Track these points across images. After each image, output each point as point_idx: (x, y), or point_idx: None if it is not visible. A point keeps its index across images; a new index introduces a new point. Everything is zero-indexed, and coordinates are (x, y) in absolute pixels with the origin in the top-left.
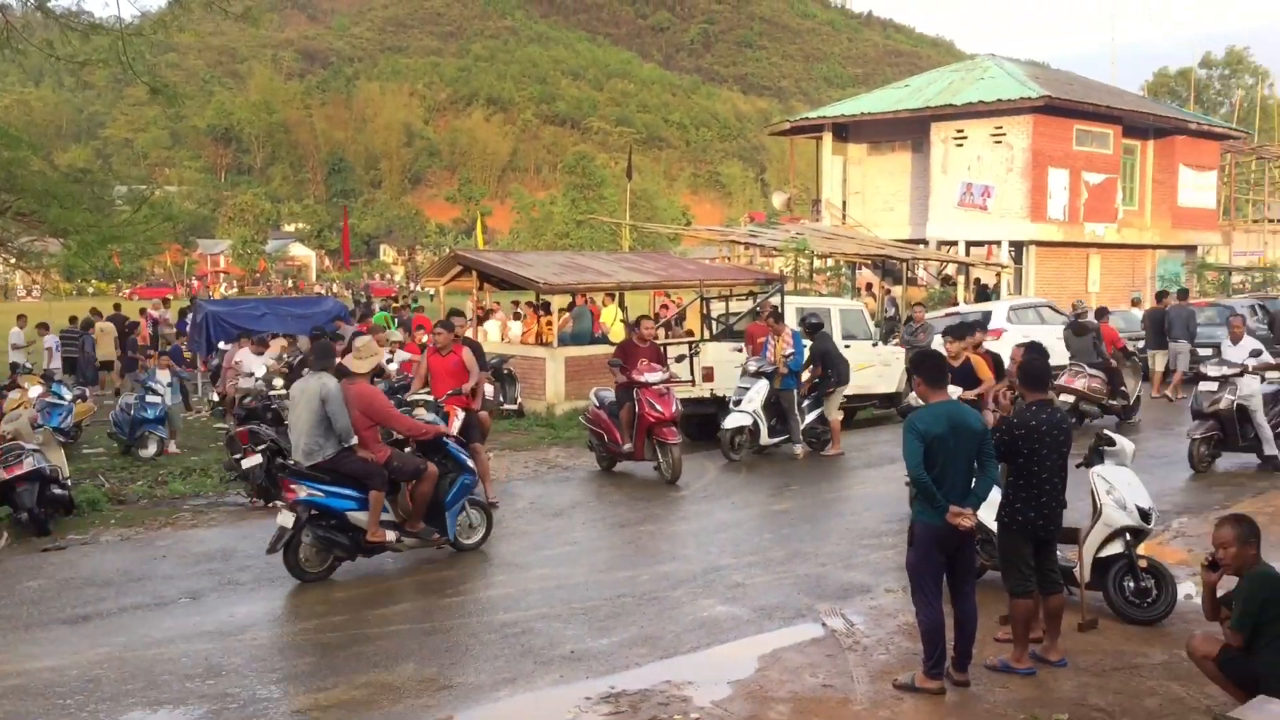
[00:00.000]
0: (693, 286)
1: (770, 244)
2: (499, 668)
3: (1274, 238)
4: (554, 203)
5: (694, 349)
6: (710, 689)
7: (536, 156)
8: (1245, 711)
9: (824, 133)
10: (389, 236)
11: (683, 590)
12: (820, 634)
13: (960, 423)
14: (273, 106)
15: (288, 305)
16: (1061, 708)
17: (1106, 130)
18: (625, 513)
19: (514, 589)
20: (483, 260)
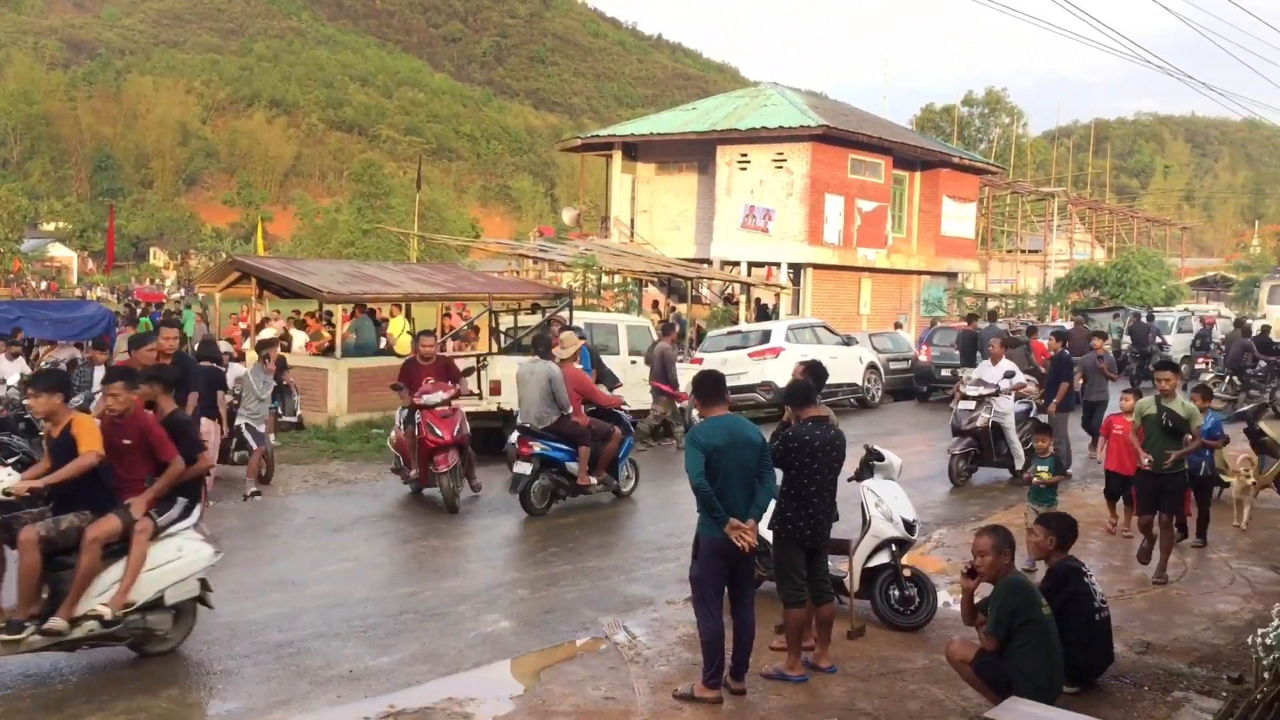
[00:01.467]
0: (481, 299)
1: (559, 259)
2: (272, 690)
3: (1025, 267)
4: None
5: (482, 362)
6: (493, 705)
7: (322, 162)
8: (998, 712)
9: (614, 151)
10: (160, 239)
11: (466, 606)
12: (603, 647)
13: (740, 435)
14: (33, 97)
15: (45, 309)
16: (831, 713)
17: (879, 160)
18: (409, 528)
19: (290, 608)
20: (262, 266)
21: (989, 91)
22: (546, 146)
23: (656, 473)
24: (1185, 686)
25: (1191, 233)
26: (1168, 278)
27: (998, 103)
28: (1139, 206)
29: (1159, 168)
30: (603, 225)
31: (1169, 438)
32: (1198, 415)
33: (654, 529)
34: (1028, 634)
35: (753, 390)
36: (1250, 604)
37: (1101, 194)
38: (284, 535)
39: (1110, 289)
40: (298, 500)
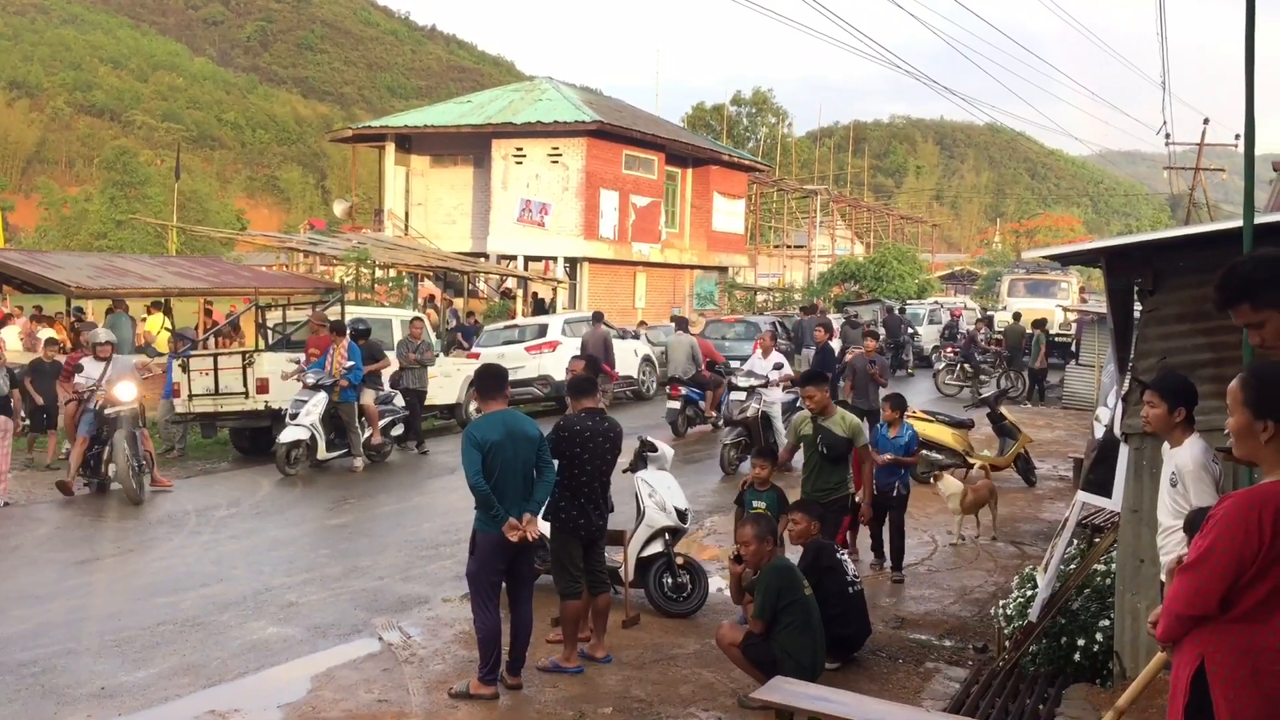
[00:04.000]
0: (246, 294)
1: (331, 252)
2: (14, 712)
3: (791, 261)
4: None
5: (248, 359)
6: (259, 714)
7: (69, 149)
8: (764, 692)
9: (387, 142)
10: None
11: (230, 613)
12: (376, 649)
13: (517, 430)
14: None
15: None
16: (606, 702)
17: (652, 157)
18: (167, 533)
19: (34, 624)
20: (3, 260)
21: (756, 92)
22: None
23: (439, 467)
24: (936, 657)
25: (941, 230)
26: (920, 272)
27: (764, 103)
28: (894, 204)
29: (911, 168)
30: (376, 218)
31: (829, 464)
32: (861, 431)
33: (429, 526)
34: (792, 614)
35: (530, 385)
36: (994, 578)
37: (860, 192)
38: (25, 548)
39: (869, 283)
40: (42, 510)
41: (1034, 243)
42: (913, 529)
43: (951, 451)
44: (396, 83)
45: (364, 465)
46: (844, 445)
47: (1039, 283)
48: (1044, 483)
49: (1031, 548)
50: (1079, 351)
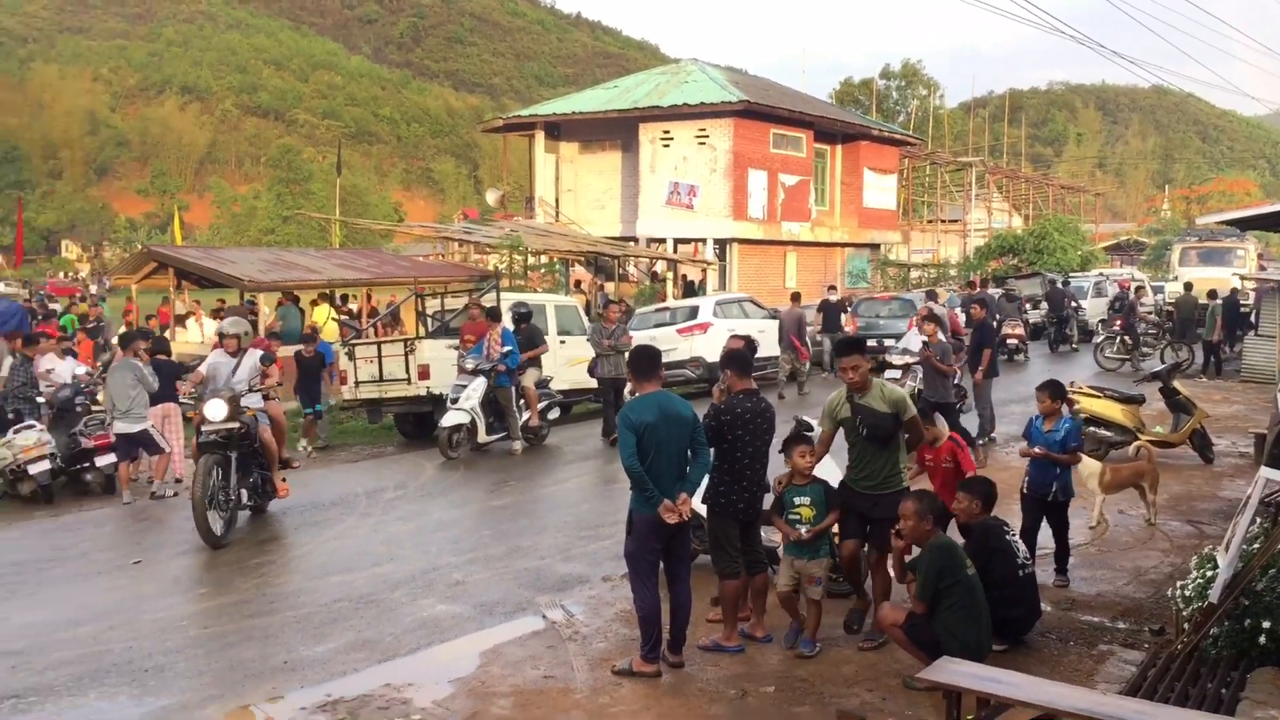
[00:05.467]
0: (406, 283)
1: (484, 241)
2: (205, 684)
3: (945, 237)
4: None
5: (409, 347)
6: (431, 689)
7: (238, 149)
8: (930, 673)
9: (536, 131)
10: (71, 231)
11: (401, 591)
12: (540, 627)
13: (671, 411)
14: None
15: None
16: (768, 681)
17: (800, 134)
18: (340, 514)
19: (221, 600)
20: (181, 256)
21: (905, 65)
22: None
23: (594, 450)
24: (1109, 640)
25: (1104, 199)
26: (1083, 243)
27: (914, 75)
28: (1054, 174)
29: (1072, 136)
30: (527, 206)
31: (875, 448)
32: (907, 403)
33: (588, 508)
34: (954, 595)
35: (682, 366)
36: (1169, 558)
37: (1017, 163)
38: None
39: (1028, 256)
40: None
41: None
42: (1081, 509)
43: (1121, 428)
44: (544, 71)
45: (522, 448)
46: (889, 423)
47: (1213, 250)
48: (1223, 459)
49: (1210, 527)
50: (1258, 322)
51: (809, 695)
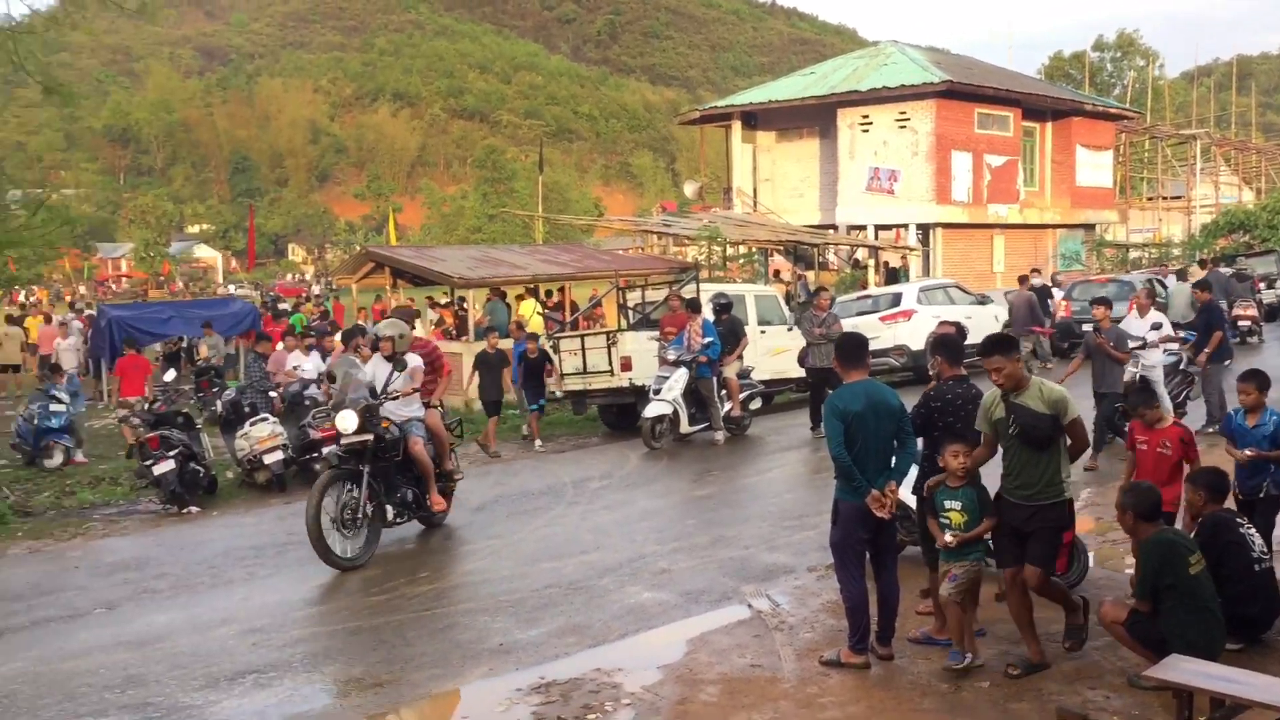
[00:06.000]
0: (608, 277)
1: (683, 233)
2: (426, 663)
3: (1167, 215)
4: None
5: (611, 339)
6: (640, 674)
7: (446, 151)
8: (1160, 670)
9: (732, 121)
10: (297, 235)
11: (609, 579)
12: (746, 616)
13: (879, 401)
14: (172, 105)
15: (195, 308)
16: (983, 676)
17: (1006, 113)
18: (547, 503)
19: (439, 584)
20: (396, 256)
21: (1120, 34)
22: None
23: (797, 439)
24: None
25: None
26: None
27: (1130, 45)
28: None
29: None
30: (725, 196)
31: (1032, 452)
32: (1068, 403)
33: (792, 497)
34: (1173, 596)
35: (885, 355)
36: None
37: (1247, 134)
38: None
39: (1261, 232)
40: None
41: None
42: None
43: None
44: (740, 61)
45: (725, 438)
46: (1046, 425)
47: None
48: None
49: None
50: None
51: (1026, 692)
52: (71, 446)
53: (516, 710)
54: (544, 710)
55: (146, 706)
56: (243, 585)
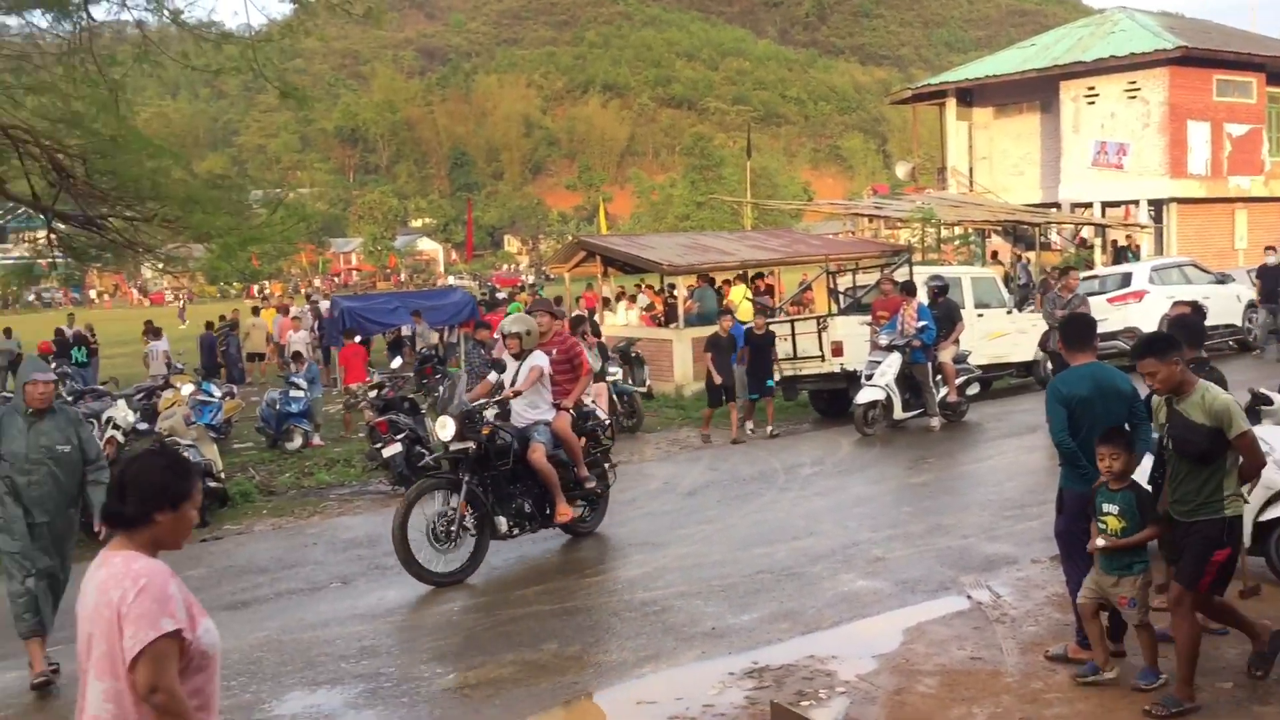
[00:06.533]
0: (817, 261)
1: (896, 215)
2: (640, 645)
3: None
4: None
5: (822, 324)
6: (855, 663)
7: (654, 140)
8: None
9: (947, 98)
10: (512, 227)
11: (821, 565)
12: (965, 607)
13: (1107, 385)
14: (395, 105)
15: (418, 298)
16: (1225, 676)
17: (1249, 79)
18: (759, 489)
19: (652, 568)
20: (606, 245)
21: None
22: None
23: (1018, 426)
24: None
25: None
26: None
27: None
28: None
29: None
30: (939, 177)
31: (1190, 465)
32: (1233, 415)
33: (1013, 486)
34: None
35: (1114, 337)
36: None
37: None
38: (641, 500)
39: None
40: (652, 466)
41: None
42: None
43: None
44: (954, 37)
45: (940, 424)
46: (1202, 438)
47: None
48: None
49: None
50: None
51: (1273, 695)
52: (310, 430)
53: (729, 694)
54: (757, 694)
55: (379, 676)
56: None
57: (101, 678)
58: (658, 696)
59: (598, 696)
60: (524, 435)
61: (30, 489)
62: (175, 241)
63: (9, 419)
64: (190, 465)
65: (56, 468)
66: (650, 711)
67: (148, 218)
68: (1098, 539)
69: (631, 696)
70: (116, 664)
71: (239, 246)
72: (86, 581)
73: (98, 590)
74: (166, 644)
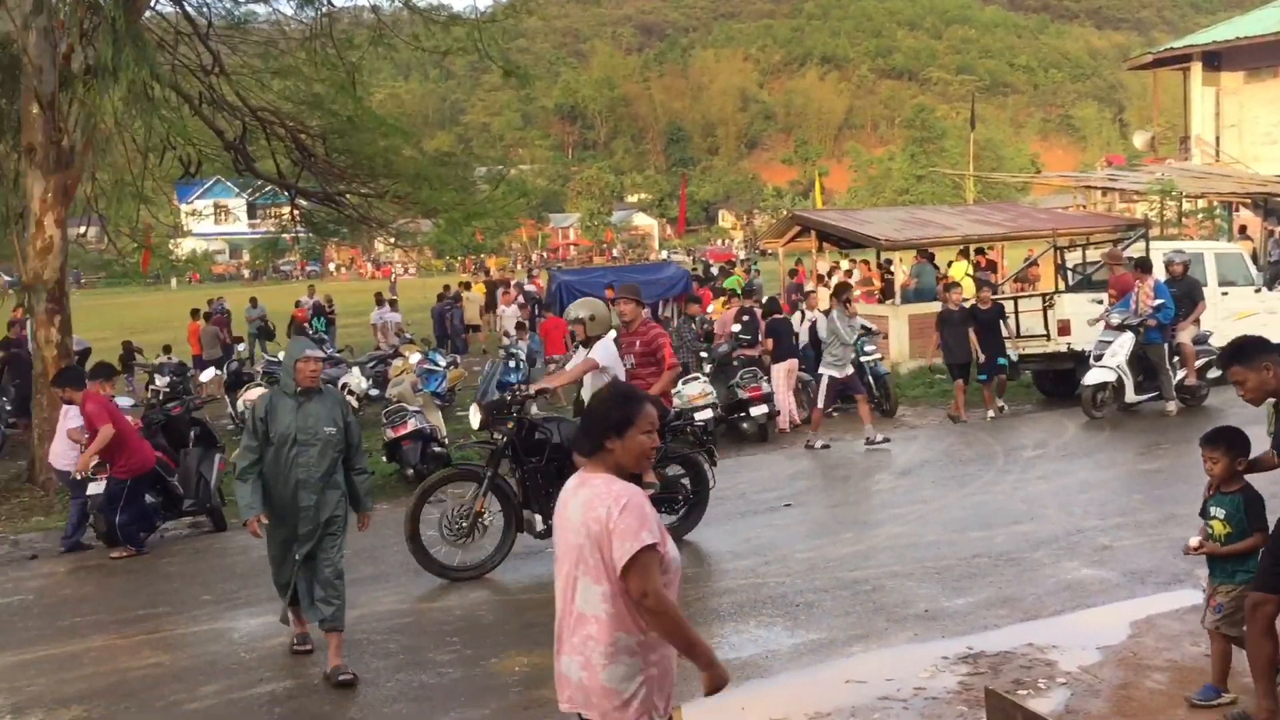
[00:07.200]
0: (1044, 236)
1: (1132, 188)
2: (851, 624)
3: None
4: (892, 159)
5: (1048, 302)
6: (1077, 654)
7: (873, 112)
8: None
9: (1192, 63)
10: (726, 202)
11: (1043, 551)
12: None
13: None
14: (614, 82)
15: (633, 272)
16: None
17: None
18: (977, 470)
19: (863, 546)
20: (821, 219)
21: None
22: (1112, 68)
23: None
24: None
25: None
26: None
27: None
28: None
29: None
30: (1181, 147)
31: None
32: None
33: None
34: None
35: None
36: None
37: None
38: (854, 478)
39: None
40: (864, 443)
41: None
42: None
43: None
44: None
45: (1177, 409)
46: None
47: None
48: None
49: None
50: None
51: None
52: None
53: (942, 678)
54: (971, 680)
55: None
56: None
57: (599, 582)
58: (867, 676)
59: (806, 672)
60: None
61: (297, 470)
62: (405, 217)
63: (278, 399)
64: (631, 396)
65: (322, 450)
66: (859, 691)
67: (380, 194)
68: (1192, 539)
69: (840, 675)
70: (609, 571)
71: (464, 221)
72: (569, 496)
73: (583, 506)
74: (649, 555)
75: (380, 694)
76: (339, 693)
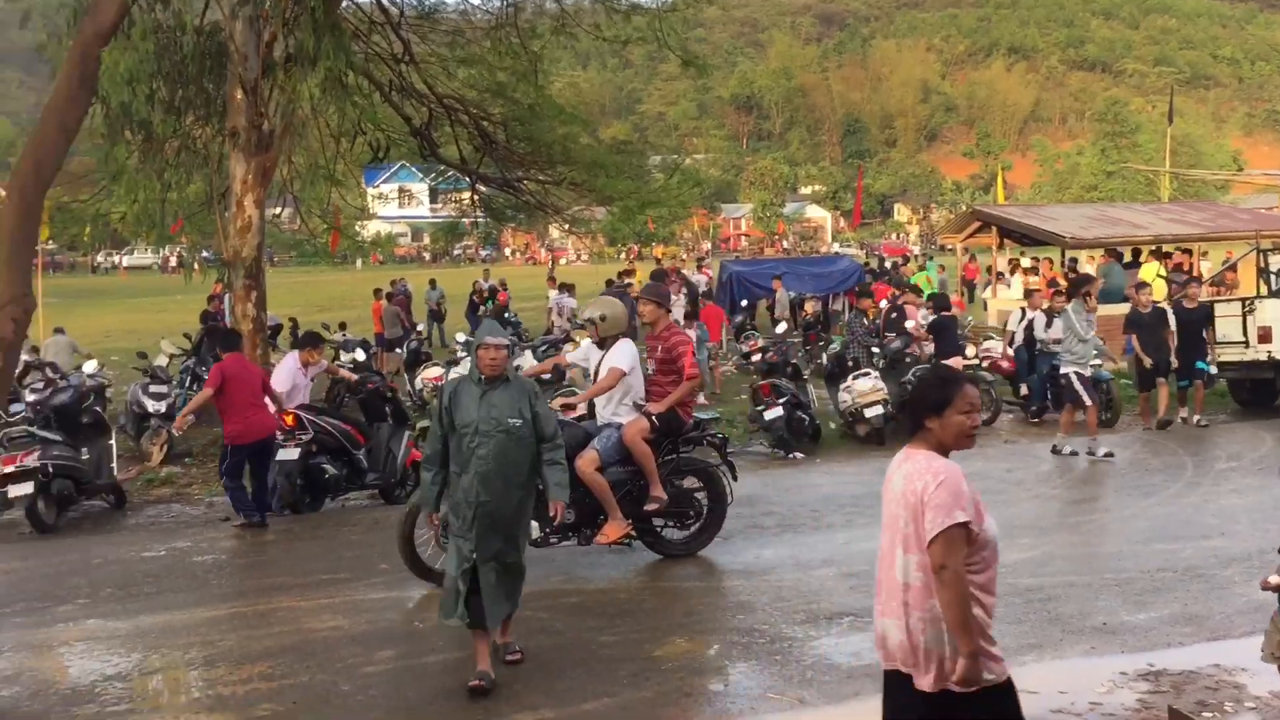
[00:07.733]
0: (1246, 237)
1: None
2: (1024, 632)
3: None
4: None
5: (1248, 307)
6: (1268, 678)
7: (1061, 105)
8: None
9: None
10: (903, 195)
11: (1234, 569)
12: None
13: None
14: (791, 72)
15: (804, 265)
16: None
17: None
18: (1163, 481)
19: (1038, 553)
20: (1003, 215)
21: None
22: None
23: None
24: None
25: None
26: None
27: None
28: None
29: None
30: None
31: None
32: None
33: None
34: None
35: None
36: None
37: None
38: (1028, 482)
39: None
40: (1042, 447)
41: None
42: None
43: None
44: None
45: None
46: None
47: None
48: None
49: None
50: None
51: None
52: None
53: (1120, 694)
54: (1151, 699)
55: (753, 633)
56: (842, 530)
57: (912, 551)
58: (1039, 688)
59: None
60: (587, 438)
61: (477, 462)
62: (581, 203)
63: (464, 387)
64: (950, 378)
65: (505, 443)
66: (1031, 702)
67: (558, 181)
68: (1274, 579)
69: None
70: (922, 541)
71: (638, 209)
72: (894, 470)
73: (905, 479)
74: (958, 531)
75: (545, 671)
76: (505, 668)
